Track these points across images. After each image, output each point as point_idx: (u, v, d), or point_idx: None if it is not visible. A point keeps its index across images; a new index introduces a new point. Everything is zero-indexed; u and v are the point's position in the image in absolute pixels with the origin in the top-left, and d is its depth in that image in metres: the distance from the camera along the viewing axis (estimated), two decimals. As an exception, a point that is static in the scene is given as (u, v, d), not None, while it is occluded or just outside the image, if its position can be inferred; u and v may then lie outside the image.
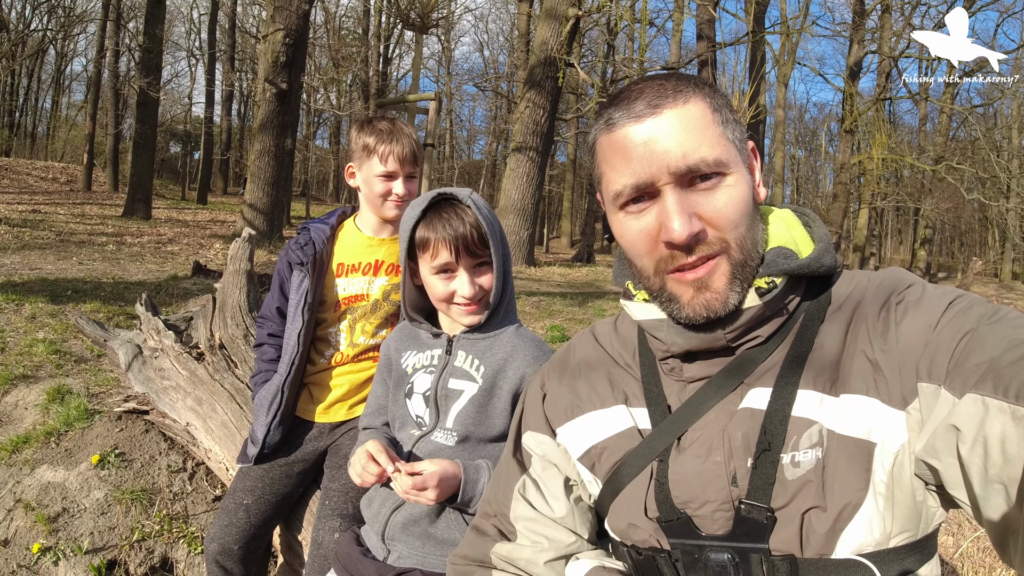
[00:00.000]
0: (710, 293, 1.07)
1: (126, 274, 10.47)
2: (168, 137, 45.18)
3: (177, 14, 41.74)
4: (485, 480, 1.74)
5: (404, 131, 2.41)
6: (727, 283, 1.07)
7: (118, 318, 6.53)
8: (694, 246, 1.05)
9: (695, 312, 1.08)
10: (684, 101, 1.05)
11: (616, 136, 1.08)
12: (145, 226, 18.44)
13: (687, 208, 1.03)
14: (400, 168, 2.38)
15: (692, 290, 1.08)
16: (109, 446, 3.44)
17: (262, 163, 16.45)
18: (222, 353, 3.60)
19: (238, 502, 2.37)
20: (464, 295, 1.80)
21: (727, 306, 1.08)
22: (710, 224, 1.05)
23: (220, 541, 2.32)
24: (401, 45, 42.03)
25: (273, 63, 15.72)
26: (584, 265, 23.81)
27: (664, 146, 1.03)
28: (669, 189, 1.04)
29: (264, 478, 2.41)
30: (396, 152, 2.36)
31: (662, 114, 1.04)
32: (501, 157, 46.56)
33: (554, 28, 15.95)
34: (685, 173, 1.03)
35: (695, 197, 1.04)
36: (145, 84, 19.98)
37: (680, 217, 1.02)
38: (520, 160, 17.09)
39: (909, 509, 0.99)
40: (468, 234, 1.76)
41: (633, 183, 1.06)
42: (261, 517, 2.38)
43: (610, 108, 1.10)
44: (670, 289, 1.10)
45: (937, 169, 24.60)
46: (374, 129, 2.40)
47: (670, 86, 1.07)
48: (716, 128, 1.06)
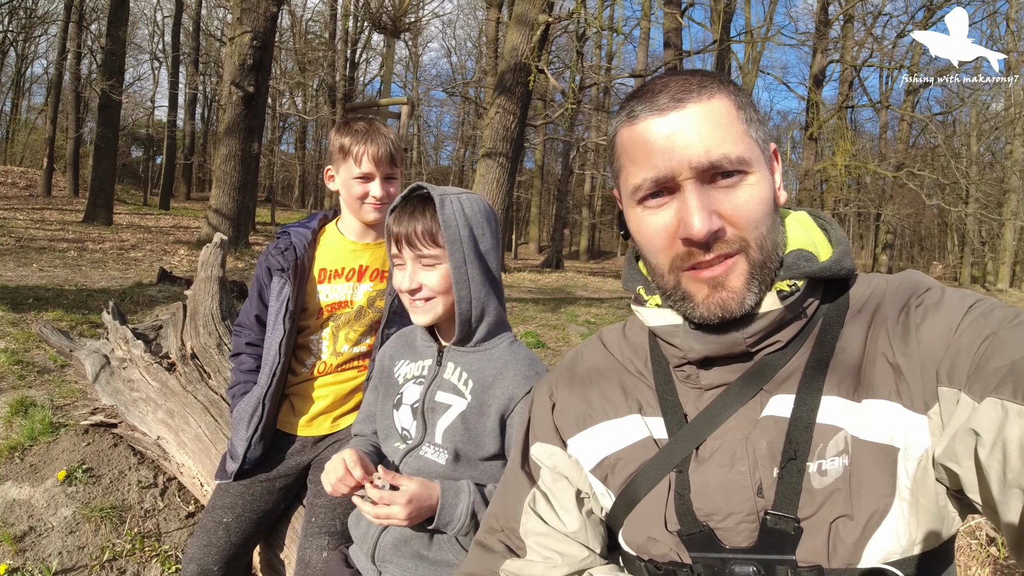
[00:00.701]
0: (726, 292, 1.04)
1: (89, 281, 10.22)
2: (130, 141, 44.41)
3: (140, 16, 41.12)
4: (464, 506, 1.67)
5: (381, 131, 2.34)
6: (744, 283, 1.04)
7: (82, 327, 6.34)
8: (712, 244, 1.02)
9: (710, 311, 1.05)
10: (709, 97, 1.03)
11: (638, 129, 1.05)
12: (107, 232, 18.08)
13: (707, 205, 1.01)
14: (376, 169, 2.31)
15: (708, 288, 1.05)
16: (76, 461, 3.30)
17: (228, 167, 16.21)
18: (194, 363, 3.48)
19: (217, 520, 2.27)
20: (402, 287, 1.76)
21: (743, 306, 1.04)
22: (730, 222, 1.02)
23: (199, 562, 2.21)
24: (368, 50, 41.86)
25: (240, 66, 15.51)
26: (554, 271, 23.89)
27: (686, 140, 1.01)
28: (690, 184, 1.01)
29: (245, 494, 2.31)
30: (371, 153, 2.29)
31: (686, 108, 1.02)
32: (469, 163, 46.59)
33: (524, 34, 15.95)
34: (707, 169, 1.00)
35: (716, 194, 1.02)
36: (107, 87, 19.57)
37: (700, 213, 1.00)
38: (490, 166, 17.03)
39: (933, 515, 0.97)
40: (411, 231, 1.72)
41: (653, 177, 1.03)
42: (242, 536, 2.28)
43: (632, 101, 1.07)
44: (685, 287, 1.07)
45: (898, 175, 25.09)
46: (350, 130, 2.34)
47: (695, 81, 1.04)
48: (740, 126, 1.03)
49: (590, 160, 41.22)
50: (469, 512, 1.66)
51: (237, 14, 15.82)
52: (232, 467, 2.32)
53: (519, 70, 16.02)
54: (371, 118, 2.44)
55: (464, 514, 1.66)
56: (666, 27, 24.03)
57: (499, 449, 1.75)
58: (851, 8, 28.40)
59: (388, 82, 20.65)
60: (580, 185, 44.68)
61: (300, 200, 47.76)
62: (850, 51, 29.74)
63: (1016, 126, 26.59)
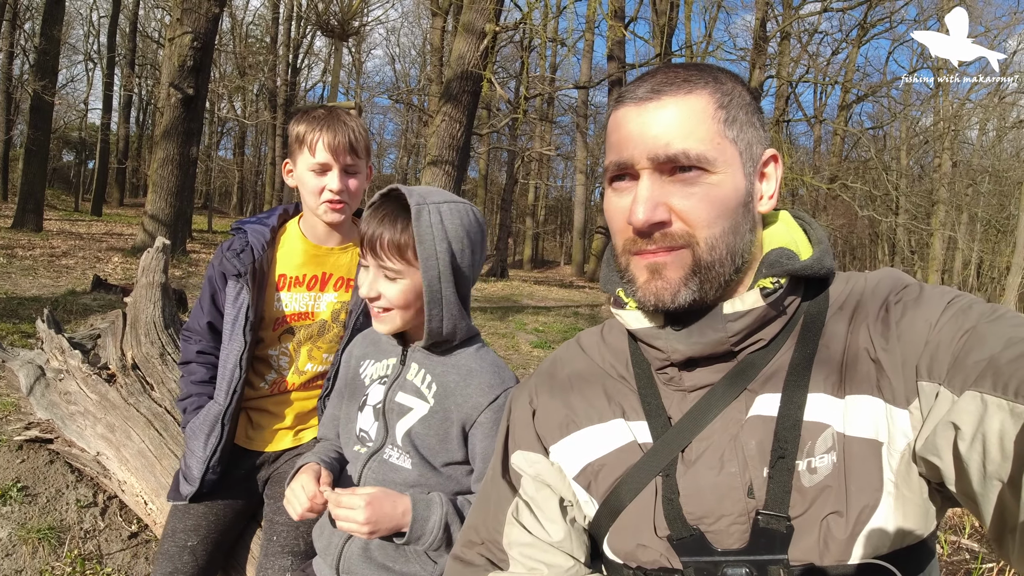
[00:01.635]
0: (661, 282, 1.06)
1: (18, 289, 9.80)
2: (62, 145, 42.95)
3: (76, 16, 39.68)
4: (437, 518, 1.60)
5: (341, 118, 2.08)
6: (681, 277, 1.05)
7: (12, 336, 6.07)
8: (654, 234, 1.05)
9: (645, 298, 1.08)
10: (688, 92, 1.04)
11: (618, 114, 1.09)
12: (37, 238, 17.38)
13: (657, 196, 1.03)
14: (333, 159, 2.04)
15: (647, 274, 1.07)
16: (10, 479, 3.11)
17: (165, 172, 15.76)
18: (136, 374, 3.33)
19: (181, 544, 2.07)
20: (361, 290, 1.70)
21: (675, 300, 1.05)
22: (679, 217, 1.03)
23: None
24: (311, 55, 41.36)
25: (180, 67, 15.13)
26: (499, 280, 23.91)
27: (652, 132, 1.03)
28: (646, 174, 1.04)
29: (208, 515, 2.14)
30: (327, 140, 2.02)
31: (660, 100, 1.04)
32: (412, 172, 46.35)
33: (472, 42, 15.95)
34: (664, 161, 1.02)
35: (671, 187, 1.04)
36: (40, 87, 18.90)
37: (644, 204, 1.03)
38: (436, 174, 16.94)
39: (918, 507, 0.98)
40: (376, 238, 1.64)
41: (616, 161, 1.07)
42: (208, 559, 2.10)
43: (626, 87, 1.10)
44: (631, 269, 1.10)
45: (832, 187, 25.79)
46: (308, 116, 2.09)
47: (681, 75, 1.06)
48: (714, 125, 1.04)
49: (534, 169, 41.44)
50: (442, 525, 1.60)
51: (177, 15, 15.45)
52: (188, 490, 2.12)
53: (466, 78, 16.02)
54: (336, 106, 2.22)
55: (436, 527, 1.59)
56: (610, 40, 24.35)
57: (463, 456, 1.70)
58: (788, 25, 29.20)
59: (336, 85, 20.45)
60: (524, 195, 44.89)
61: (239, 207, 46.78)
62: (786, 67, 30.57)
63: (944, 140, 27.68)
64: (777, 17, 30.00)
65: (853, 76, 30.10)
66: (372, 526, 1.53)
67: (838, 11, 27.64)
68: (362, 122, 2.14)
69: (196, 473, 2.11)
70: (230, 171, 45.98)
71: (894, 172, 29.13)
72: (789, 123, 33.83)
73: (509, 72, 34.30)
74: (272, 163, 35.64)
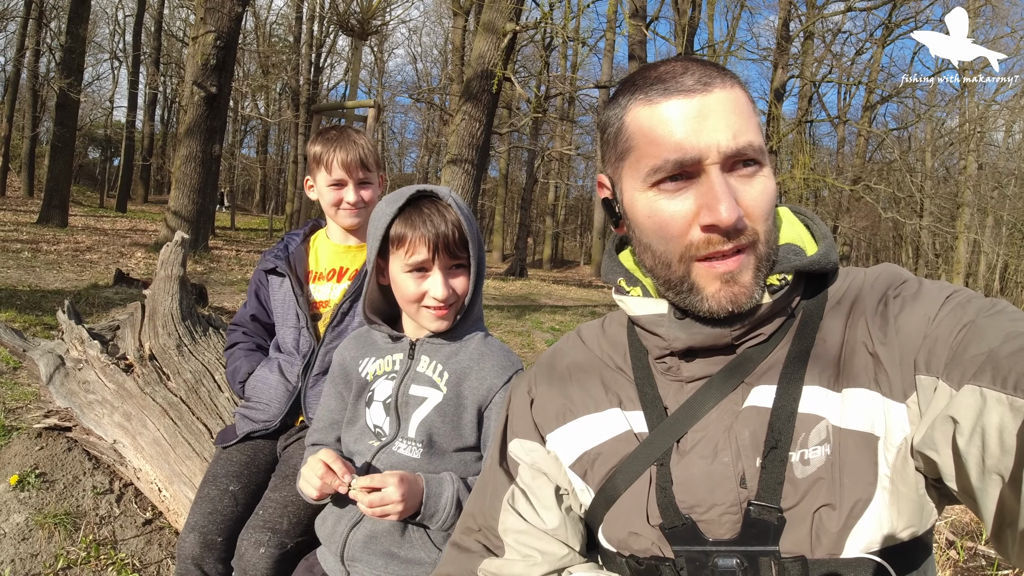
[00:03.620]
0: (738, 287, 1.03)
1: (43, 282, 9.96)
2: (87, 142, 43.53)
3: (101, 14, 40.32)
4: (449, 494, 1.63)
5: (352, 137, 2.39)
6: (753, 277, 1.03)
7: (35, 328, 6.16)
8: (734, 234, 1.00)
9: (719, 305, 1.03)
10: (731, 85, 1.02)
11: (660, 108, 1.01)
12: (62, 233, 17.64)
13: (731, 192, 0.99)
14: (348, 175, 2.37)
15: (719, 283, 1.03)
16: (29, 466, 3.17)
17: (188, 169, 15.93)
18: (153, 364, 3.39)
19: (223, 488, 2.13)
20: (436, 296, 1.68)
21: (752, 301, 1.04)
22: (746, 213, 1.00)
23: (203, 532, 2.01)
24: (333, 54, 41.60)
25: (203, 66, 15.28)
26: (517, 279, 23.91)
27: (715, 123, 0.98)
28: (715, 170, 0.99)
29: (250, 464, 2.24)
30: (340, 159, 2.35)
31: (713, 92, 1.00)
32: (433, 170, 46.47)
33: (492, 41, 15.97)
34: (733, 155, 0.99)
35: (734, 183, 1.00)
36: (65, 85, 19.15)
37: (728, 200, 0.97)
38: (455, 173, 16.99)
39: (913, 503, 0.97)
40: (449, 233, 1.66)
41: (677, 158, 0.99)
42: (247, 508, 2.11)
43: (646, 84, 1.04)
44: (694, 278, 1.04)
45: (855, 189, 25.57)
46: (323, 138, 2.41)
47: (715, 69, 1.03)
48: (756, 118, 1.04)
49: (554, 169, 41.40)
50: (454, 501, 1.63)
51: (201, 13, 15.61)
52: (248, 428, 2.34)
53: (486, 77, 16.03)
54: (346, 126, 2.50)
55: (449, 503, 1.62)
56: (631, 40, 24.28)
57: (476, 441, 1.73)
58: (811, 25, 29.00)
59: (355, 85, 20.57)
60: (544, 194, 44.88)
61: (261, 205, 47.16)
62: (810, 67, 30.38)
63: (970, 142, 27.36)
64: (800, 17, 29.82)
65: (877, 76, 29.78)
66: (406, 503, 1.56)
67: (862, 10, 27.36)
68: (370, 139, 2.46)
69: (262, 417, 2.34)
70: (253, 169, 46.38)
71: (919, 174, 28.81)
72: (812, 123, 33.57)
73: (530, 71, 34.32)
74: (295, 161, 35.83)
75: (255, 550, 1.92)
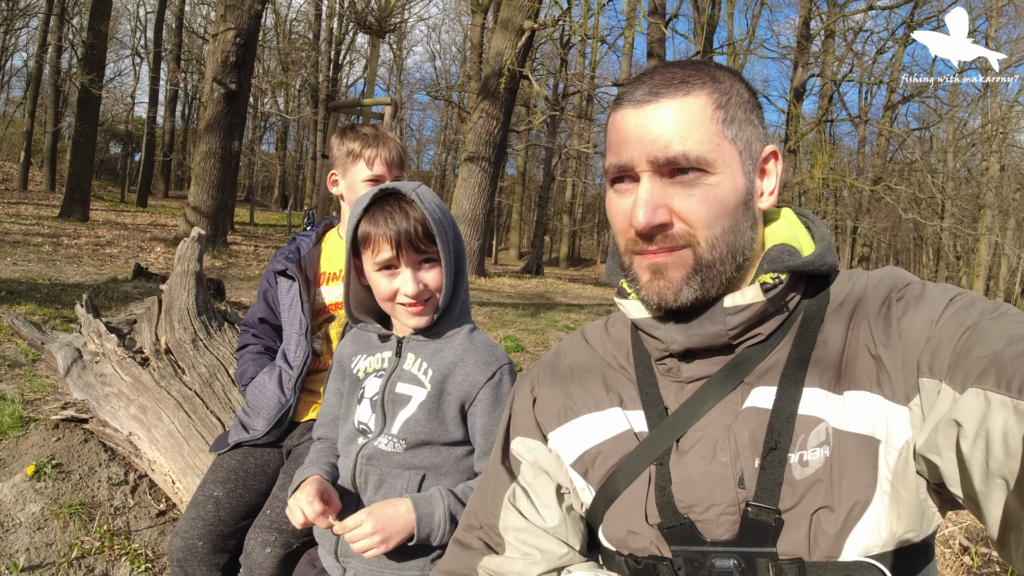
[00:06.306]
0: (663, 281, 1.07)
1: (63, 276, 10.08)
2: (108, 137, 43.89)
3: (123, 11, 40.67)
4: (441, 511, 1.62)
5: (388, 135, 2.42)
6: (683, 276, 1.06)
7: (54, 321, 6.24)
8: (655, 236, 1.06)
9: (648, 297, 1.10)
10: (686, 93, 1.05)
11: (617, 116, 1.09)
12: (82, 228, 17.84)
13: (657, 199, 1.04)
14: (388, 172, 2.38)
15: (649, 274, 1.09)
16: (45, 456, 3.22)
17: (207, 165, 16.09)
18: (168, 358, 3.43)
19: (208, 494, 2.16)
20: (407, 293, 1.69)
21: (678, 299, 1.07)
22: (680, 218, 1.04)
23: (184, 536, 2.06)
24: (352, 52, 41.76)
25: (223, 62, 15.41)
26: (533, 277, 23.94)
27: (651, 135, 1.04)
28: (646, 176, 1.05)
29: (238, 470, 2.24)
30: (383, 156, 2.36)
31: (659, 103, 1.04)
32: (451, 167, 46.56)
33: (509, 39, 15.98)
34: (664, 164, 1.03)
35: (671, 189, 1.04)
36: (87, 81, 19.34)
37: (645, 207, 1.03)
38: (472, 170, 17.04)
39: (914, 507, 0.97)
40: (411, 229, 1.66)
41: (616, 163, 1.08)
42: (231, 513, 2.14)
43: (626, 87, 1.11)
44: (634, 269, 1.12)
45: (875, 189, 25.37)
46: (358, 134, 2.40)
47: (679, 75, 1.06)
48: (712, 126, 1.04)
49: (572, 167, 41.34)
50: (447, 516, 1.62)
51: (221, 11, 15.74)
52: (238, 436, 2.34)
53: (503, 75, 16.04)
54: (376, 125, 2.52)
55: (443, 519, 1.62)
56: (650, 37, 24.14)
57: (463, 436, 1.74)
58: (832, 24, 28.76)
59: (372, 82, 20.59)
60: (561, 192, 44.83)
61: (280, 201, 47.40)
62: (830, 66, 30.10)
63: (992, 143, 27.00)
64: (821, 15, 29.59)
65: (899, 75, 29.47)
66: (382, 533, 1.56)
67: (884, 9, 27.10)
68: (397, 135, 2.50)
69: (259, 427, 2.34)
70: (272, 165, 46.62)
71: (940, 175, 28.52)
72: (832, 123, 33.29)
73: (548, 69, 34.26)
74: (313, 158, 36.02)
75: (261, 550, 1.95)
